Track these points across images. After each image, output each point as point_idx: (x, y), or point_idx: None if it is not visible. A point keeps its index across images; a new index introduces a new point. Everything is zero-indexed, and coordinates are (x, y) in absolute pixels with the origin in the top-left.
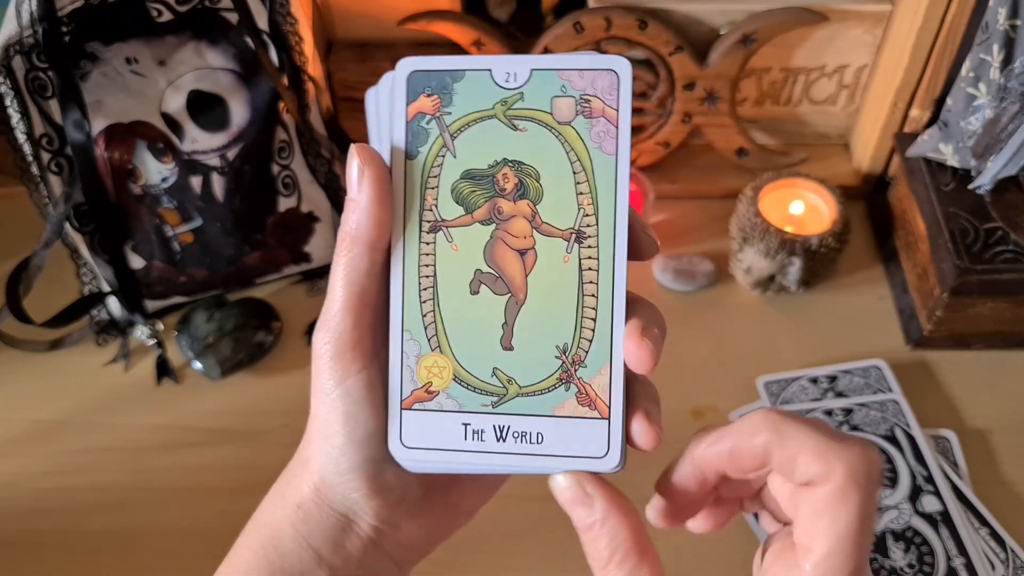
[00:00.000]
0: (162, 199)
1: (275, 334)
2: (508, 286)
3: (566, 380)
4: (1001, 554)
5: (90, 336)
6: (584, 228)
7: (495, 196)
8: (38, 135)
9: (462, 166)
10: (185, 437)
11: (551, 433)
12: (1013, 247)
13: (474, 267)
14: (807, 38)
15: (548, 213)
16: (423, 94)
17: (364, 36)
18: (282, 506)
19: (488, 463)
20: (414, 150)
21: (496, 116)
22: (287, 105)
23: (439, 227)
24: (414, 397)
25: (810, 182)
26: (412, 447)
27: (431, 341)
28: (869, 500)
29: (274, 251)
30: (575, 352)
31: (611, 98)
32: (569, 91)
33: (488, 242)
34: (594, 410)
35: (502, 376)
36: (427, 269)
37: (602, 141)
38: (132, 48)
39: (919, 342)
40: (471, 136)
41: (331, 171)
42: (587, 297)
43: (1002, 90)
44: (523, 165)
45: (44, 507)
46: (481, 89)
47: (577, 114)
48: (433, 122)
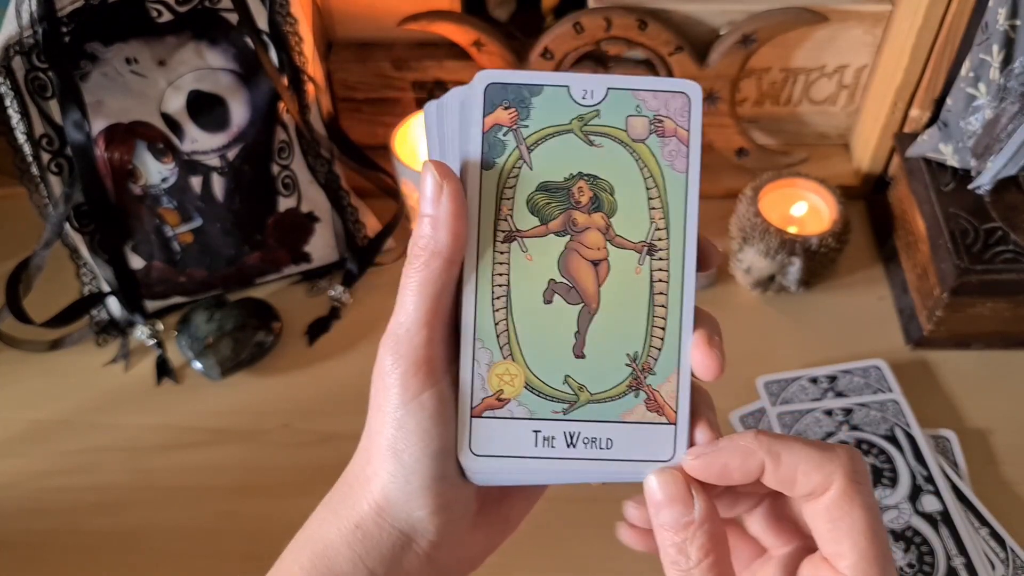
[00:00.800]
0: (162, 199)
1: (275, 334)
2: (581, 296)
3: (635, 387)
4: (1001, 554)
5: (90, 336)
6: (656, 241)
7: (570, 208)
8: (38, 135)
9: (538, 178)
10: (185, 437)
11: (620, 438)
12: (1013, 247)
13: (548, 277)
14: (807, 38)
15: (621, 226)
16: (500, 106)
17: (364, 36)
18: (337, 524)
19: (557, 470)
20: (490, 161)
21: (573, 131)
22: (287, 105)
23: (514, 237)
24: (484, 405)
25: (810, 182)
26: (482, 455)
27: (503, 349)
28: (871, 493)
29: (274, 251)
30: (645, 360)
31: (683, 119)
32: (643, 111)
33: (562, 253)
34: (662, 416)
35: (573, 383)
36: (501, 278)
37: (674, 159)
38: (132, 48)
39: (919, 342)
40: (547, 149)
41: (331, 171)
42: (657, 307)
43: (1002, 90)
44: (598, 179)
45: (44, 507)
46: (558, 104)
47: (651, 133)
48: (510, 134)
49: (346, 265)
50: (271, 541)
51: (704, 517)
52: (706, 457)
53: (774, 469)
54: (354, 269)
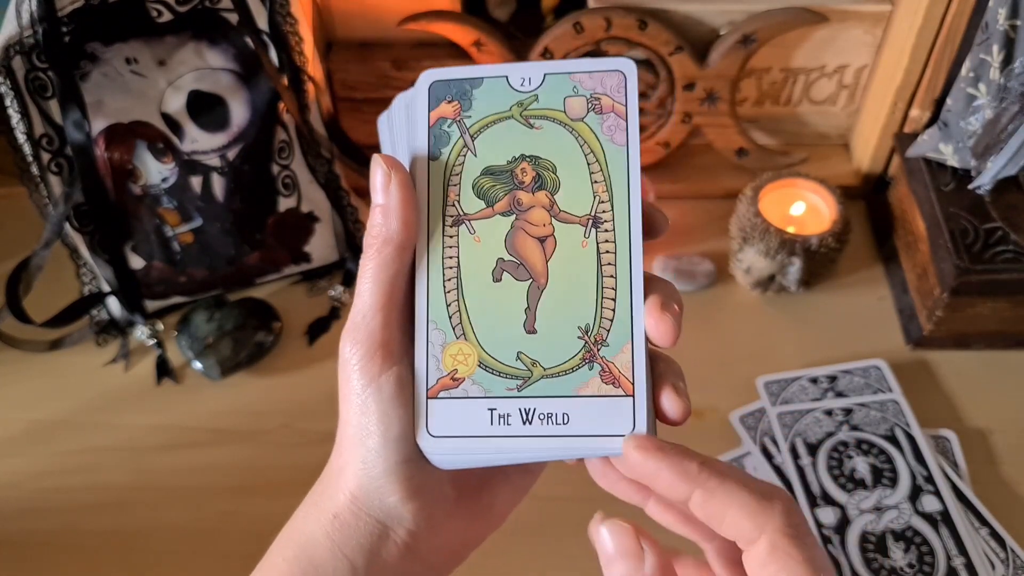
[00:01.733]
0: (162, 199)
1: (275, 334)
2: (530, 272)
3: (589, 360)
4: (1001, 554)
5: (90, 336)
6: (600, 214)
7: (514, 189)
8: (38, 135)
9: (482, 163)
10: (185, 437)
11: (577, 413)
12: (1013, 247)
13: (496, 256)
14: (807, 38)
15: (565, 202)
16: (444, 101)
17: (364, 36)
18: (316, 516)
19: (515, 448)
20: (437, 151)
21: (513, 117)
22: (287, 105)
23: (461, 220)
24: (440, 385)
25: (810, 182)
26: (439, 436)
27: (456, 329)
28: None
29: (274, 251)
30: (597, 332)
31: (619, 95)
32: (580, 91)
33: (509, 232)
34: (618, 388)
35: (526, 359)
36: (451, 261)
37: (613, 134)
38: (132, 48)
39: (919, 342)
40: (490, 136)
41: (331, 171)
42: (606, 278)
43: (1002, 90)
44: (540, 159)
45: (44, 507)
46: (498, 93)
47: (589, 111)
48: (454, 125)
49: (346, 265)
50: (271, 541)
51: (654, 571)
52: (645, 453)
53: (702, 503)
54: (354, 269)
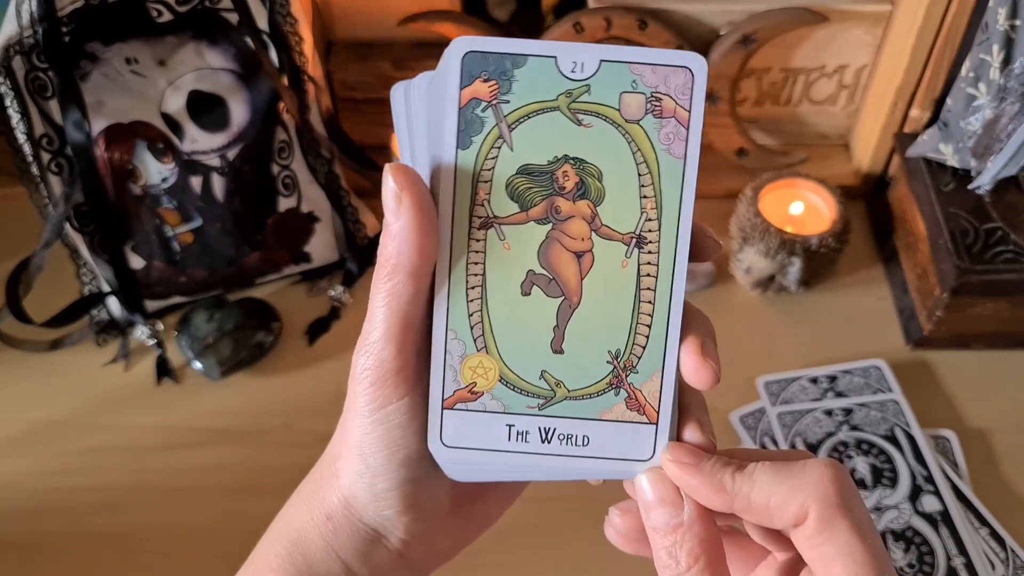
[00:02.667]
0: (162, 199)
1: (275, 334)
2: (562, 289)
3: (616, 385)
4: (1001, 554)
5: (90, 336)
6: (645, 233)
7: (553, 194)
8: (38, 135)
9: (519, 160)
10: (185, 437)
11: (597, 436)
12: (1013, 247)
13: (527, 267)
14: (807, 38)
15: (609, 215)
16: (479, 78)
17: (364, 36)
18: (310, 514)
19: (531, 465)
20: (466, 139)
21: (559, 108)
22: (287, 105)
23: (491, 223)
24: (457, 397)
25: (810, 182)
26: (452, 446)
27: (477, 341)
28: (856, 507)
29: (274, 251)
30: (627, 358)
31: (684, 98)
32: (640, 87)
33: (543, 242)
34: (642, 415)
35: (550, 379)
36: (476, 267)
37: (671, 143)
38: (132, 48)
39: (919, 342)
40: (530, 128)
41: (331, 171)
42: (643, 304)
43: (1002, 90)
44: (585, 163)
45: (44, 507)
46: (544, 77)
47: (647, 113)
48: (489, 110)
49: (346, 265)
50: None
51: (693, 520)
52: (683, 468)
53: (745, 510)
54: (354, 269)
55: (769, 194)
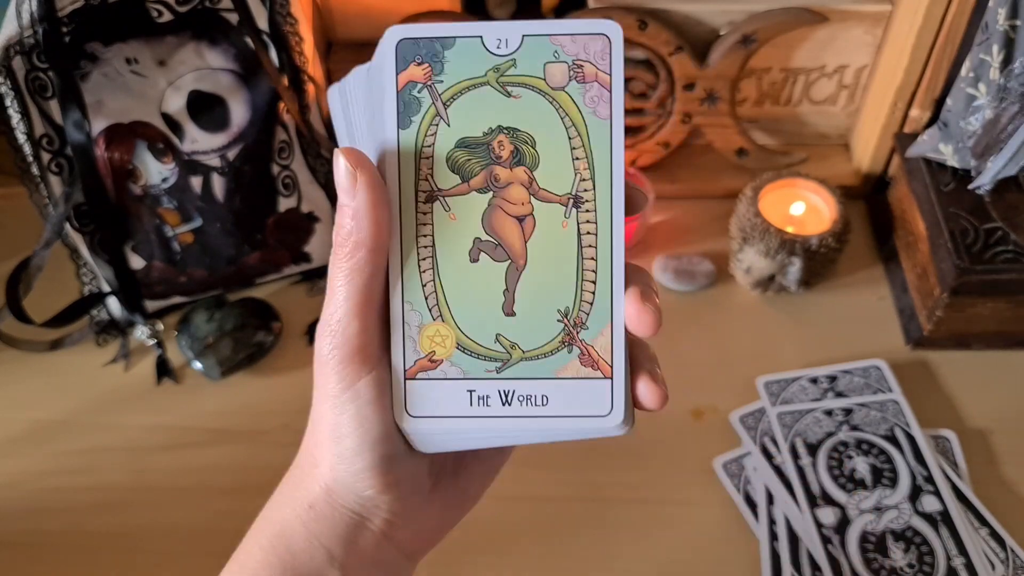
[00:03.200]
0: (162, 199)
1: (275, 334)
2: (508, 253)
3: (568, 343)
4: (1001, 554)
5: (90, 336)
6: (581, 193)
7: (491, 164)
8: (38, 135)
9: (456, 134)
10: (185, 437)
11: (555, 395)
12: (1013, 247)
13: (473, 235)
14: (807, 38)
15: (545, 179)
16: (413, 62)
17: (364, 36)
18: (292, 506)
19: (495, 428)
20: (406, 120)
21: (489, 83)
22: (287, 105)
23: (435, 196)
24: (418, 367)
25: (810, 182)
26: (418, 416)
27: (432, 311)
28: None
29: (274, 251)
30: (576, 315)
31: (603, 63)
32: (562, 56)
33: (486, 210)
34: (596, 370)
35: (505, 342)
36: (425, 239)
37: (596, 105)
38: (132, 48)
39: (919, 342)
40: (464, 104)
41: (331, 171)
42: (587, 260)
43: (1002, 90)
44: (518, 132)
45: (44, 507)
46: (473, 56)
47: (570, 79)
48: (425, 91)
49: None
50: None
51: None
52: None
53: None
54: None
55: (769, 194)
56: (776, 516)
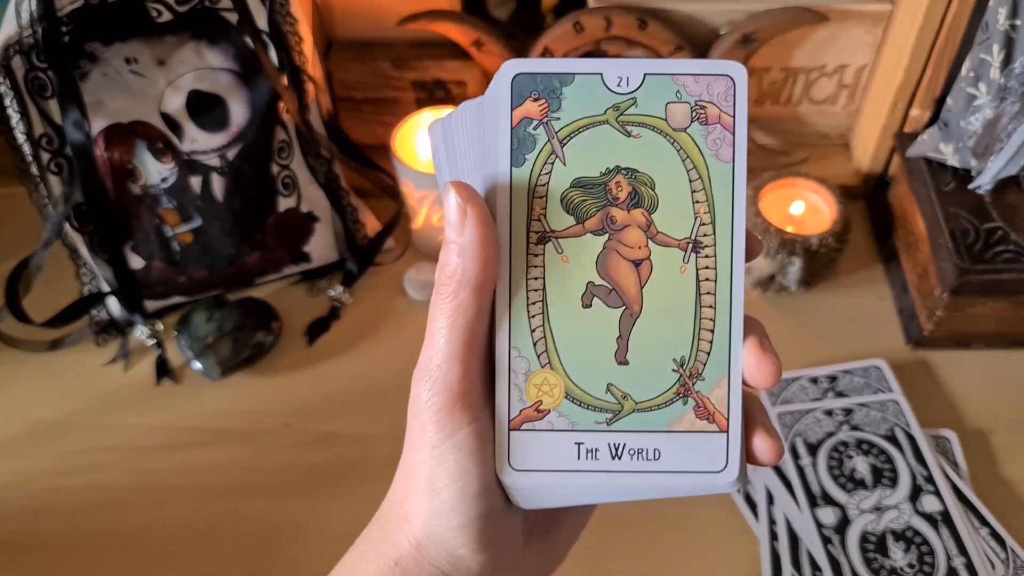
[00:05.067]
0: (162, 199)
1: (275, 334)
2: (623, 299)
3: (683, 394)
4: (1001, 554)
5: (90, 336)
6: (701, 237)
7: (608, 205)
8: (37, 135)
9: (572, 174)
10: (185, 437)
11: (668, 449)
12: (1013, 247)
13: (586, 279)
14: (807, 38)
15: (663, 222)
16: (529, 98)
17: (364, 36)
18: (376, 562)
19: (603, 484)
20: (520, 157)
21: (608, 122)
22: (287, 105)
23: (548, 238)
24: (523, 417)
25: (810, 182)
26: (522, 470)
27: (540, 358)
28: None
29: (274, 251)
30: (692, 365)
31: (727, 104)
32: (684, 96)
33: (601, 253)
34: (712, 424)
35: (617, 392)
36: (535, 283)
37: (718, 148)
38: (132, 48)
39: (919, 342)
40: (581, 143)
41: (331, 171)
42: (704, 308)
43: (1002, 90)
44: (637, 173)
45: (44, 507)
46: (592, 93)
47: (692, 120)
48: (541, 128)
49: (346, 265)
50: (271, 541)
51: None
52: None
53: None
54: (354, 269)
55: (769, 194)
56: (776, 516)
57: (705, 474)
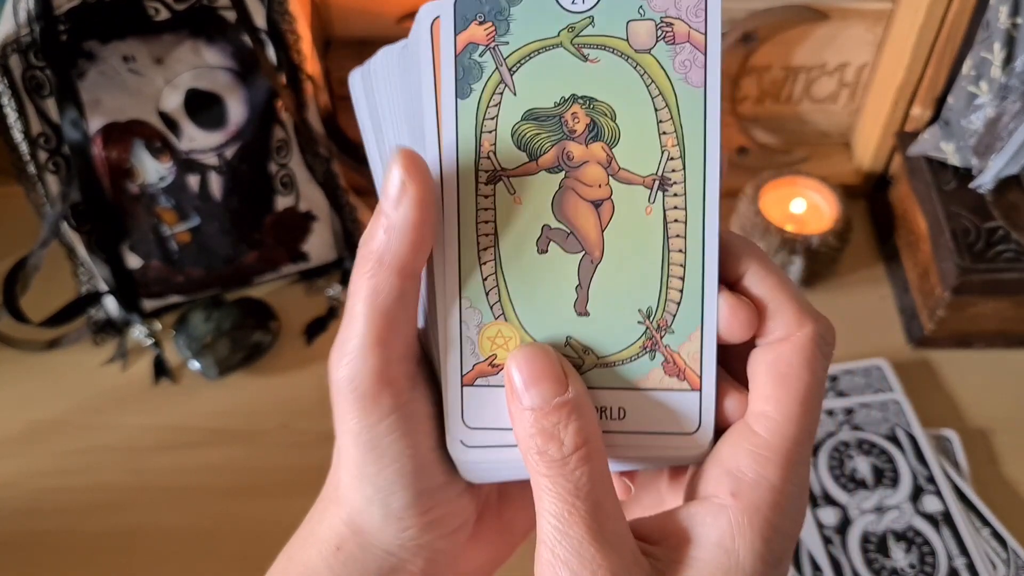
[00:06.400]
0: (159, 198)
1: (273, 334)
2: (582, 243)
3: (651, 348)
4: (1003, 554)
5: (87, 336)
6: (669, 173)
7: (564, 139)
8: (35, 134)
9: (524, 105)
10: (182, 437)
11: (634, 408)
12: (1014, 246)
13: (541, 222)
14: (808, 36)
15: (626, 157)
16: (474, 21)
17: (362, 34)
18: (317, 546)
19: None
20: (465, 88)
21: (562, 45)
22: (285, 103)
23: (499, 176)
24: (476, 372)
25: (811, 181)
26: (477, 427)
27: (494, 308)
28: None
29: (272, 250)
30: (660, 316)
31: (697, 20)
32: (648, 13)
33: (557, 193)
34: (683, 381)
35: (577, 345)
36: (486, 226)
37: (688, 71)
38: (129, 46)
39: (920, 341)
40: (533, 69)
41: (329, 169)
42: (674, 253)
43: (1003, 88)
44: (595, 102)
45: (41, 507)
46: (543, 13)
47: (658, 40)
48: (487, 54)
49: (344, 264)
50: (269, 542)
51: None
52: None
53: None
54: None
55: (770, 193)
56: None
57: (676, 435)
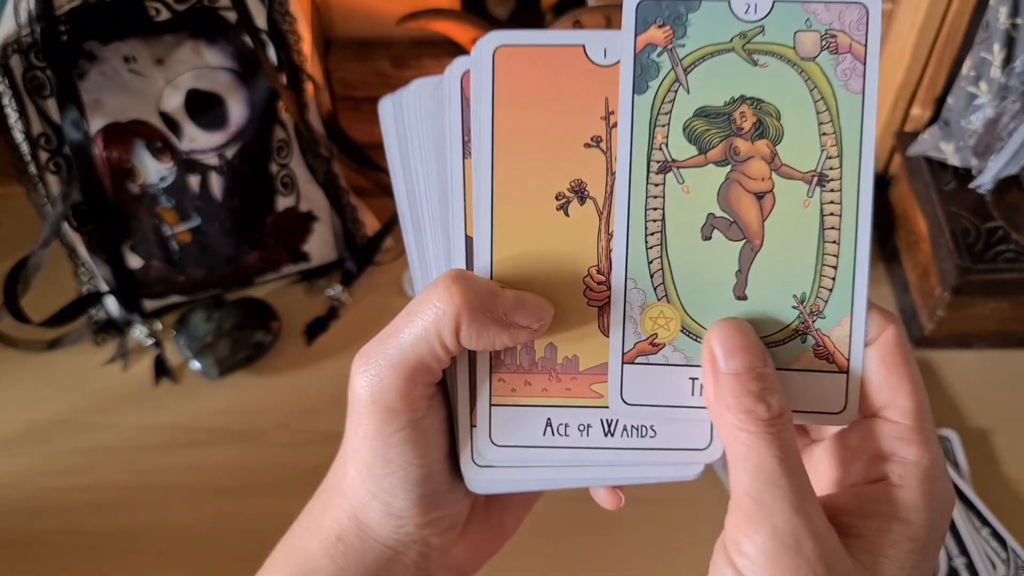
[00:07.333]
0: (160, 198)
1: (274, 334)
2: (744, 231)
3: (803, 331)
4: (1002, 554)
5: (88, 336)
6: (827, 171)
7: (731, 135)
8: (36, 134)
9: (696, 103)
10: (183, 437)
11: (786, 387)
12: (1014, 247)
13: (707, 211)
14: None
15: (788, 154)
16: (654, 24)
17: (363, 34)
18: (318, 536)
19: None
20: (643, 84)
21: (734, 50)
22: (285, 104)
23: (669, 167)
24: (637, 350)
25: None
26: (633, 404)
27: (657, 290)
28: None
29: (272, 251)
30: (813, 302)
31: (859, 33)
32: (814, 25)
33: (723, 184)
34: (832, 363)
35: None
36: (655, 213)
37: (848, 79)
38: (130, 47)
39: (920, 342)
40: (706, 71)
41: (330, 170)
42: (828, 244)
43: (1003, 89)
44: (762, 103)
45: (42, 507)
46: (718, 21)
47: (822, 49)
48: (665, 55)
49: (345, 264)
50: (270, 541)
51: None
52: None
53: None
54: (353, 268)
55: None
56: None
57: (824, 414)
